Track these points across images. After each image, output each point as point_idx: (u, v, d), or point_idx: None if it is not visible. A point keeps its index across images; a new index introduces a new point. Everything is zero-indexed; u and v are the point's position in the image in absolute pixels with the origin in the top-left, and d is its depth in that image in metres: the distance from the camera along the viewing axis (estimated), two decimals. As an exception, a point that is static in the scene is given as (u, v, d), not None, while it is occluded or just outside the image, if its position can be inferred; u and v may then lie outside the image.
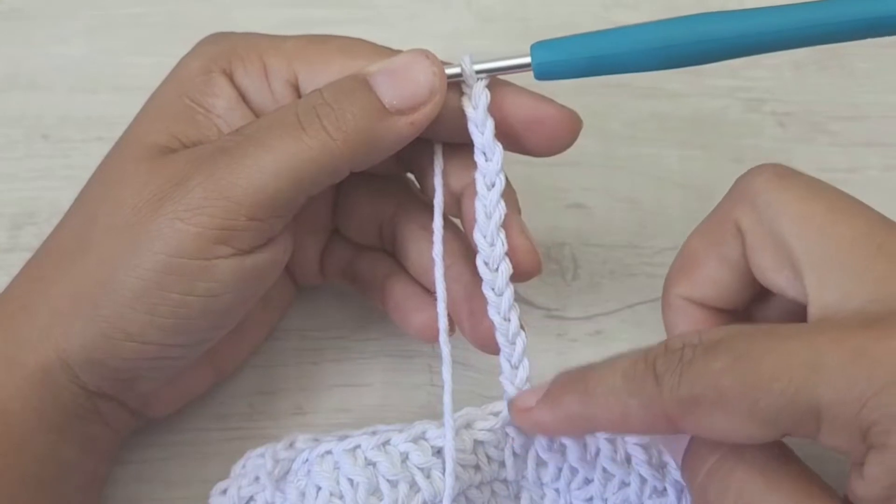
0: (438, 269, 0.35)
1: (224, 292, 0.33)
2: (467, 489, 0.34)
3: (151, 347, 0.33)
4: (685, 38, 0.33)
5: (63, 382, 0.34)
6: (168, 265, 0.32)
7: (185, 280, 0.33)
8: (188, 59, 0.37)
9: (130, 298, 0.33)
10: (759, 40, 0.33)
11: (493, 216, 0.34)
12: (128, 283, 0.33)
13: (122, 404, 0.36)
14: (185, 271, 0.33)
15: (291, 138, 0.33)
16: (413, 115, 0.34)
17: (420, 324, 0.38)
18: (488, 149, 0.35)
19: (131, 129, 0.36)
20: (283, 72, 0.35)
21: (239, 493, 0.35)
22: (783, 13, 0.33)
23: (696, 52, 0.34)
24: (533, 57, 0.35)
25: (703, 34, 0.33)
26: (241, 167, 0.33)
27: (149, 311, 0.33)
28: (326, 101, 0.34)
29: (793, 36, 0.33)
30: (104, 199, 0.34)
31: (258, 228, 0.33)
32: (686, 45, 0.33)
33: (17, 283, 0.36)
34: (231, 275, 0.33)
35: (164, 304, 0.33)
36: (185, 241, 0.32)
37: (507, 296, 0.34)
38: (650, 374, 0.29)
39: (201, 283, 0.33)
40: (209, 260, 0.33)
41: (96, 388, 0.34)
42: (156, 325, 0.33)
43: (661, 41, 0.34)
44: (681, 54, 0.34)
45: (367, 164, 0.35)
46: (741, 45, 0.34)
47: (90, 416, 0.35)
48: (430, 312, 0.37)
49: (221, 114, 0.35)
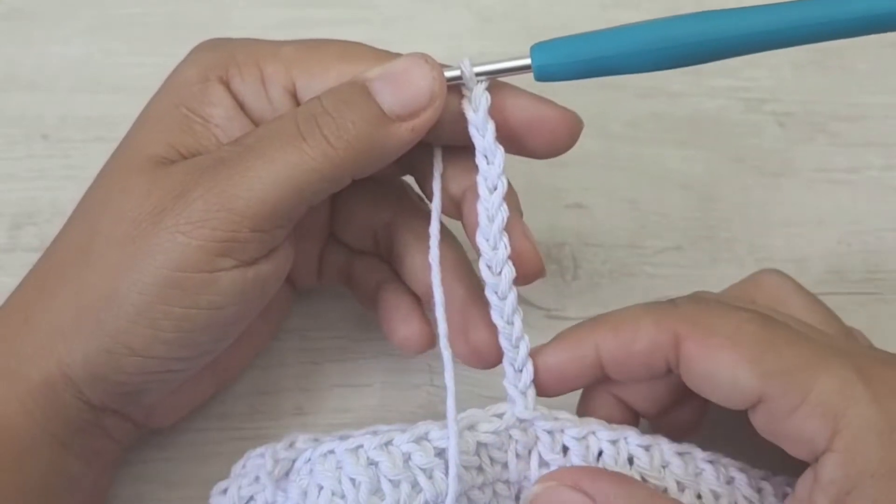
0: (435, 274, 0.35)
1: (227, 305, 0.33)
2: (469, 490, 0.34)
3: (155, 361, 0.33)
4: (686, 37, 0.33)
5: (66, 397, 0.34)
6: (170, 279, 0.32)
7: (188, 294, 0.32)
8: (184, 66, 0.36)
9: (133, 313, 0.32)
10: (759, 38, 0.33)
11: (496, 219, 0.34)
12: (130, 297, 0.32)
13: (126, 417, 0.36)
14: (187, 285, 0.32)
15: (292, 148, 0.33)
16: (413, 120, 0.33)
17: (402, 336, 0.38)
18: (490, 152, 0.34)
19: (129, 139, 0.36)
20: (280, 79, 0.35)
21: (239, 493, 0.35)
22: (783, 10, 0.33)
23: (697, 51, 0.34)
24: (533, 59, 0.34)
25: (704, 33, 0.33)
26: (242, 179, 0.32)
27: (151, 326, 0.32)
28: (326, 109, 0.33)
29: (793, 33, 0.33)
30: (104, 210, 0.34)
31: (260, 240, 0.33)
32: (687, 45, 0.33)
33: (18, 294, 0.35)
34: (234, 287, 0.33)
35: (167, 318, 0.32)
36: (187, 255, 0.32)
37: (511, 300, 0.34)
38: (669, 302, 0.34)
39: (204, 297, 0.33)
40: (212, 273, 0.32)
41: (100, 403, 0.34)
42: (159, 339, 0.33)
43: (663, 41, 0.33)
44: (682, 53, 0.34)
45: (369, 172, 0.34)
46: (742, 44, 0.34)
47: (94, 429, 0.35)
48: (415, 325, 0.38)
49: (219, 123, 0.35)
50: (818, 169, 0.48)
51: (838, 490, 0.30)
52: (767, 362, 0.31)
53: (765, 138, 0.48)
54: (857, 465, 0.30)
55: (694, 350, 0.32)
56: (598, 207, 0.46)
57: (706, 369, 0.32)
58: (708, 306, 0.33)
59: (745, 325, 0.32)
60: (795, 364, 0.31)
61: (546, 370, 0.34)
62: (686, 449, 0.35)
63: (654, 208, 0.47)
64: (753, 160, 0.48)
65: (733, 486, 0.34)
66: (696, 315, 0.33)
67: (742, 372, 0.31)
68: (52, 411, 0.33)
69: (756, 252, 0.46)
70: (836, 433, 0.30)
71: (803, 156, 0.48)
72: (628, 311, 0.34)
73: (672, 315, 0.33)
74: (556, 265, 0.45)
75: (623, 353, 0.34)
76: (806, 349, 0.31)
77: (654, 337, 0.33)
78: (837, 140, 0.49)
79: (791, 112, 0.49)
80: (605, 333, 0.34)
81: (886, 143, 0.49)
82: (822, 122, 0.49)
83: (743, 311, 0.33)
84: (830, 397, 0.30)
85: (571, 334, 0.35)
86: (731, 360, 0.32)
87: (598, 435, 0.34)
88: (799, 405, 0.31)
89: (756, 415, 0.32)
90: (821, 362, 0.31)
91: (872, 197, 0.48)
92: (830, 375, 0.31)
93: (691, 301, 0.34)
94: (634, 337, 0.33)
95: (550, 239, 0.46)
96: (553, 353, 0.35)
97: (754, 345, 0.31)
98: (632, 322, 0.34)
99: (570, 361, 0.34)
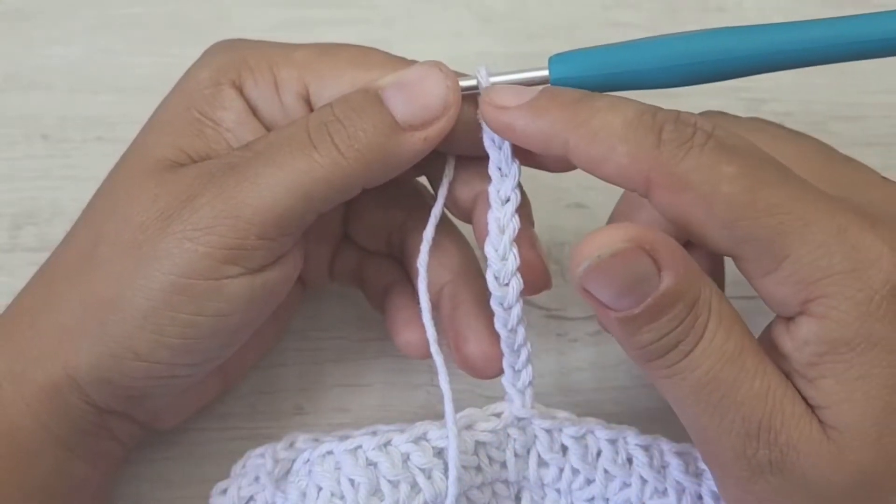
0: (422, 280, 0.34)
1: (234, 312, 0.33)
2: (468, 490, 0.34)
3: (160, 367, 0.33)
4: (711, 55, 0.32)
5: (72, 400, 0.34)
6: (177, 286, 0.32)
7: (195, 300, 0.32)
8: (196, 69, 0.36)
9: (139, 319, 0.32)
10: (784, 56, 0.32)
11: (507, 231, 0.33)
12: (136, 303, 0.32)
13: (132, 419, 0.36)
14: (194, 292, 0.32)
15: (302, 156, 0.32)
16: (426, 130, 0.33)
17: (405, 340, 0.38)
18: (504, 164, 0.34)
19: (138, 142, 0.36)
20: (293, 84, 0.35)
21: (239, 493, 0.35)
22: (810, 28, 0.32)
23: (720, 69, 0.32)
24: (551, 71, 0.33)
25: (730, 50, 0.32)
26: (250, 185, 0.32)
27: (157, 332, 0.32)
28: (337, 117, 0.33)
29: (820, 53, 0.32)
30: (111, 214, 0.34)
31: (268, 247, 0.33)
32: (710, 62, 0.32)
33: (24, 296, 0.35)
34: (241, 294, 0.33)
35: (173, 324, 0.32)
36: (193, 262, 0.32)
37: (516, 311, 0.33)
38: (653, 134, 0.30)
39: (211, 304, 0.32)
40: (218, 280, 0.32)
41: (105, 406, 0.34)
42: (164, 344, 0.33)
43: (686, 57, 0.32)
44: (705, 70, 0.32)
45: (380, 181, 0.34)
46: (766, 62, 0.32)
47: (100, 431, 0.35)
48: (419, 331, 0.37)
49: (230, 127, 0.35)
50: (818, 169, 0.48)
51: (812, 352, 0.29)
52: (741, 228, 0.29)
53: (765, 138, 0.48)
54: (831, 333, 0.29)
55: (665, 201, 0.30)
56: (599, 207, 0.46)
57: (676, 219, 0.30)
58: (693, 153, 0.29)
59: (724, 186, 0.29)
60: (771, 234, 0.29)
61: (508, 131, 0.32)
62: (686, 449, 0.35)
63: (653, 208, 0.47)
64: (753, 160, 0.48)
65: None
66: (674, 162, 0.29)
67: (712, 234, 0.30)
68: (57, 414, 0.33)
69: (756, 252, 0.46)
70: (811, 301, 0.29)
71: (803, 156, 0.48)
72: (607, 123, 0.30)
73: (649, 155, 0.29)
74: (556, 265, 0.45)
75: (591, 167, 0.31)
76: (787, 216, 0.29)
77: (624, 170, 0.30)
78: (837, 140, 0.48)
79: (791, 112, 0.49)
80: (578, 140, 0.31)
81: (886, 143, 0.49)
82: (822, 122, 0.49)
83: (727, 166, 0.29)
84: (805, 268, 0.29)
85: (546, 113, 0.31)
86: (701, 220, 0.29)
87: (597, 434, 0.35)
88: (772, 271, 0.29)
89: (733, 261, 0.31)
90: (801, 229, 0.29)
91: (872, 197, 0.48)
92: (808, 245, 0.29)
93: (677, 136, 0.30)
94: (604, 159, 0.30)
95: (550, 239, 0.46)
96: (521, 117, 0.32)
97: (729, 209, 0.29)
98: (606, 143, 0.30)
99: (536, 134, 0.32)
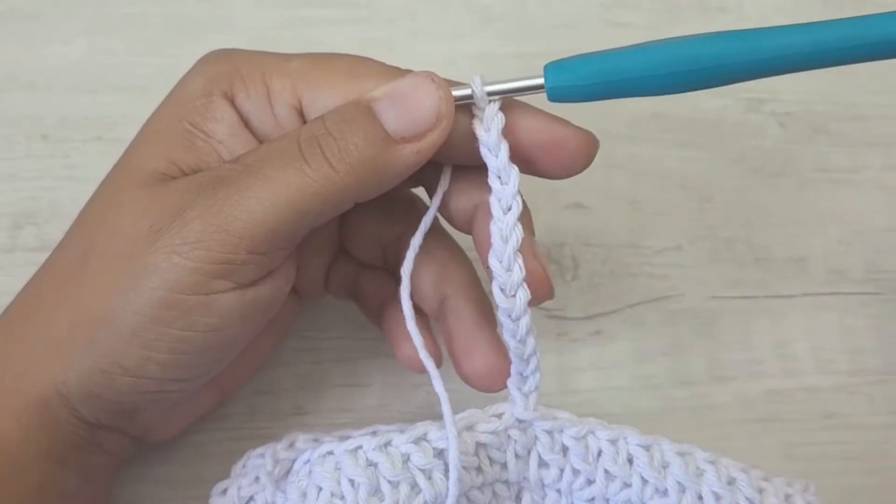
0: (405, 287, 0.34)
1: (224, 327, 0.33)
2: (469, 490, 0.34)
3: (150, 382, 0.33)
4: (709, 61, 0.31)
5: (61, 414, 0.33)
6: (166, 301, 0.31)
7: (184, 316, 0.32)
8: (188, 79, 0.35)
9: (127, 334, 0.32)
10: (786, 61, 0.31)
11: (510, 240, 0.33)
12: (125, 318, 0.32)
13: (123, 433, 0.36)
14: (183, 307, 0.32)
15: (293, 170, 0.32)
16: (419, 142, 0.32)
17: (406, 354, 0.37)
18: (503, 172, 0.33)
19: (129, 153, 0.35)
20: (286, 95, 0.34)
21: (239, 493, 0.35)
22: (810, 31, 0.32)
23: (721, 75, 0.32)
24: (547, 79, 0.33)
25: (731, 55, 0.31)
26: (240, 199, 0.31)
27: (146, 347, 0.32)
28: (329, 130, 0.32)
29: (822, 56, 0.32)
30: (101, 226, 0.34)
31: (259, 262, 0.32)
32: (711, 67, 0.31)
33: (13, 308, 0.35)
34: (231, 309, 0.32)
35: (162, 339, 0.32)
36: (182, 277, 0.31)
37: (524, 322, 0.33)
38: None
39: (201, 319, 0.32)
40: (208, 295, 0.32)
41: (95, 420, 0.34)
42: (154, 360, 0.32)
43: (684, 64, 0.32)
44: (704, 77, 0.32)
45: (373, 195, 0.33)
46: (768, 66, 0.32)
47: (89, 446, 0.35)
48: None
49: (222, 139, 0.34)
50: (818, 169, 0.48)
51: None
52: None
53: (765, 138, 0.48)
54: None
55: None
56: (598, 207, 0.46)
57: None
58: None
59: None
60: None
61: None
62: (687, 449, 0.35)
63: (654, 208, 0.47)
64: (753, 160, 0.48)
65: (734, 486, 0.34)
66: None
67: None
68: (46, 427, 0.33)
69: (756, 252, 0.46)
70: None
71: (803, 156, 0.48)
72: None
73: None
74: (556, 265, 0.45)
75: None
76: None
77: None
78: (837, 140, 0.49)
79: (791, 112, 0.49)
80: None
81: (886, 143, 0.49)
82: (822, 122, 0.49)
83: None
84: None
85: None
86: None
87: (597, 434, 0.35)
88: None
89: None
90: None
91: (872, 197, 0.48)
92: None
93: None
94: None
95: (550, 239, 0.46)
96: None
97: None
98: None
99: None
